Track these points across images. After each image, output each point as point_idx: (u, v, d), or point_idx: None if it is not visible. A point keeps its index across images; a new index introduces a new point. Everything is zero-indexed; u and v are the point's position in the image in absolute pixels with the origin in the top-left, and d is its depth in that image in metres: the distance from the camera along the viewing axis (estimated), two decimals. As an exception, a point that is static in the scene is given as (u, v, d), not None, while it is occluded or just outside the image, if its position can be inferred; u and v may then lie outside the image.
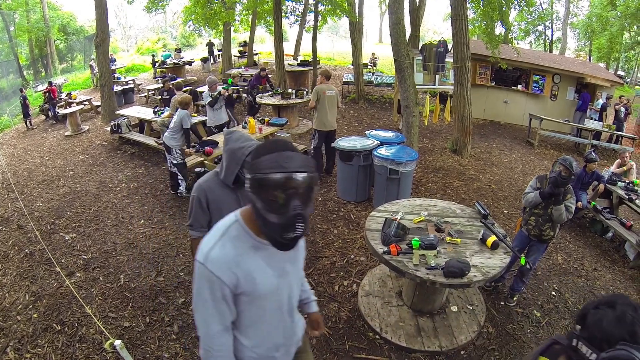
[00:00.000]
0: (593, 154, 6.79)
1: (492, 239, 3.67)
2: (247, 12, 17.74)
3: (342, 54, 25.90)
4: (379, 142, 6.55)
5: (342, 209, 6.48)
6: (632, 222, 6.48)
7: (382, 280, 4.64)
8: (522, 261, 3.79)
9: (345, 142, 6.52)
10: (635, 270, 5.94)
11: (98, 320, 4.09)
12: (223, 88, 8.16)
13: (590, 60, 31.67)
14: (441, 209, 4.42)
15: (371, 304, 4.26)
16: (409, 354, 3.72)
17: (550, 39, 34.93)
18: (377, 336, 3.90)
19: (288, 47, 21.12)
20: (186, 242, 5.47)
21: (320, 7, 14.08)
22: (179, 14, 24.18)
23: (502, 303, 4.60)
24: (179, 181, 6.77)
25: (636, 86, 25.09)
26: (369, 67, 18.78)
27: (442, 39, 13.65)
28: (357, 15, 14.13)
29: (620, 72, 36.35)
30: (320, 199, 6.78)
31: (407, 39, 14.99)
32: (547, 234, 4.21)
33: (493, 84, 13.61)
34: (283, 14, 16.11)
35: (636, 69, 33.55)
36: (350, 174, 6.50)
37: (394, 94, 9.84)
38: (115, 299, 4.47)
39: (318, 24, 14.85)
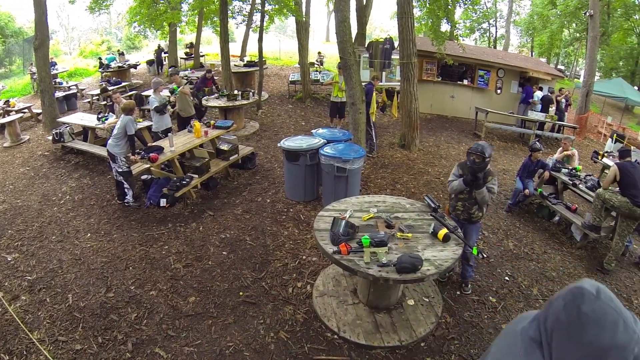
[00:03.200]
0: (537, 143, 7.41)
1: (443, 231, 3.86)
2: (193, 12, 17.65)
3: (289, 53, 26.24)
4: (325, 141, 6.73)
5: (291, 210, 6.60)
6: (576, 206, 7.09)
7: (336, 279, 4.74)
8: (475, 251, 4.03)
9: (291, 142, 6.65)
10: (582, 250, 6.50)
11: (47, 346, 3.94)
12: (174, 95, 8.15)
13: (532, 55, 34.09)
14: (391, 205, 4.60)
15: (327, 304, 4.34)
16: (369, 351, 3.84)
17: (494, 36, 37.58)
18: (335, 336, 3.99)
19: (235, 48, 20.99)
20: (135, 254, 5.42)
21: (268, 7, 14.29)
22: (124, 14, 23.49)
23: (458, 292, 4.87)
24: (126, 190, 6.68)
25: (575, 79, 27.12)
26: (316, 65, 19.16)
27: (388, 36, 14.24)
28: (303, 14, 14.45)
29: (560, 67, 39.99)
30: (269, 201, 6.87)
31: (354, 37, 15.52)
32: (475, 215, 4.54)
33: (440, 79, 14.45)
34: (230, 14, 16.21)
35: (575, 63, 36.40)
36: (297, 174, 6.64)
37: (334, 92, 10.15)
38: (64, 320, 4.32)
39: (265, 24, 15.05)
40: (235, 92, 10.67)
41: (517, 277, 5.36)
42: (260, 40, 12.48)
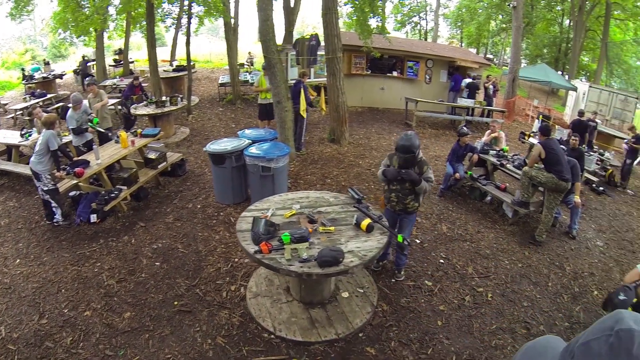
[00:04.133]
0: (464, 128, 7.69)
1: (366, 222, 3.90)
2: (121, 17, 16.95)
3: (220, 55, 26.10)
4: (250, 141, 6.74)
5: (221, 213, 6.54)
6: (506, 185, 7.42)
7: (269, 279, 4.73)
8: (400, 239, 4.04)
9: (216, 145, 6.63)
10: (515, 226, 6.84)
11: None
12: (90, 125, 7.67)
13: (462, 46, 35.95)
14: (314, 200, 4.63)
15: (261, 305, 4.32)
16: (307, 347, 3.84)
17: (424, 28, 39.39)
18: (272, 336, 3.98)
19: (165, 52, 20.41)
20: (67, 275, 5.15)
21: (197, 9, 14.01)
22: (48, 20, 22.14)
23: (393, 280, 4.93)
24: (54, 209, 6.29)
25: (504, 66, 28.74)
26: (246, 66, 19.08)
27: (314, 33, 14.35)
28: (232, 15, 14.36)
29: (489, 55, 42.71)
30: (199, 206, 6.80)
31: (284, 35, 15.57)
32: (411, 206, 4.53)
33: (369, 72, 14.76)
34: (158, 18, 15.74)
35: (503, 52, 38.71)
36: (224, 177, 6.64)
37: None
38: (-2, 355, 4.06)
39: (193, 26, 14.78)
40: (164, 98, 10.39)
41: (452, 259, 5.52)
42: (187, 43, 12.21)
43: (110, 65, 19.98)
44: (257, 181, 6.32)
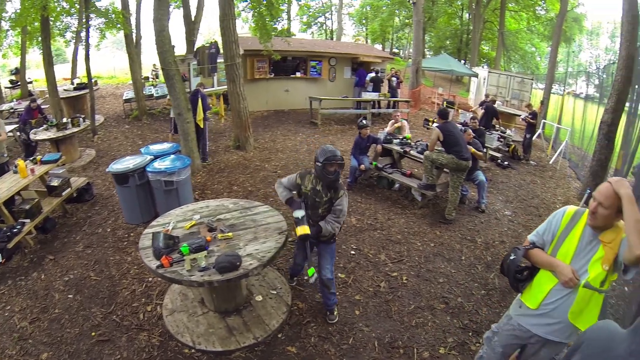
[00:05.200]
0: (363, 121, 7.98)
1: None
2: (15, 32, 15.68)
3: (125, 69, 25.06)
4: (152, 157, 6.61)
5: (132, 234, 6.35)
6: (411, 171, 7.84)
7: (183, 293, 4.66)
8: (310, 272, 3.78)
9: (118, 165, 6.43)
10: (424, 209, 7.21)
11: None
12: None
13: (367, 42, 37.63)
14: (214, 208, 4.62)
15: (178, 321, 4.25)
16: (228, 356, 3.83)
17: (330, 28, 40.78)
18: (192, 350, 3.92)
19: (67, 70, 19.34)
20: None
21: (97, 21, 13.28)
22: None
23: (306, 277, 4.97)
24: None
25: (409, 59, 30.33)
26: (151, 80, 18.52)
27: (213, 40, 14.28)
28: (133, 26, 13.79)
29: (395, 50, 45.15)
30: (109, 230, 6.55)
31: (187, 43, 15.30)
32: (325, 234, 3.96)
33: (272, 75, 14.89)
34: (57, 32, 14.71)
35: (408, 45, 40.89)
36: (130, 196, 6.47)
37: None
38: None
39: (94, 40, 14.10)
40: (65, 120, 9.80)
41: (363, 249, 5.68)
42: (87, 58, 11.55)
43: (6, 87, 18.66)
44: (161, 196, 6.24)
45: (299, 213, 3.76)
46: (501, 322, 3.09)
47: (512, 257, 2.76)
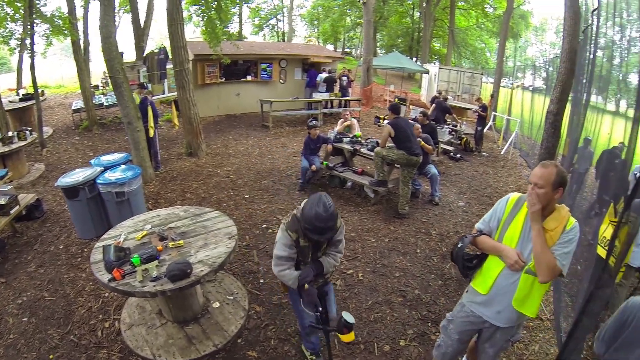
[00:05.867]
0: (313, 121, 8.11)
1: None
2: None
3: (74, 78, 24.16)
4: (102, 168, 6.47)
5: (85, 250, 6.16)
6: (363, 168, 8.02)
7: (140, 306, 4.61)
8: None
9: (68, 178, 6.22)
10: (378, 205, 7.40)
11: None
12: None
13: (318, 43, 38.03)
14: (165, 217, 4.60)
15: (137, 335, 4.19)
16: None
17: (282, 30, 40.95)
18: None
19: (12, 79, 18.41)
20: None
21: (43, 27, 12.74)
22: None
23: (262, 281, 5.06)
24: None
25: (360, 58, 30.91)
26: (101, 88, 17.99)
27: (162, 46, 14.04)
28: (80, 33, 13.28)
29: (347, 49, 45.86)
30: (62, 247, 6.33)
31: (136, 49, 14.97)
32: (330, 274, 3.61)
33: (223, 79, 14.82)
34: (1, 39, 13.95)
35: (360, 45, 41.58)
36: (82, 211, 6.29)
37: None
38: None
39: (40, 47, 13.44)
40: (10, 133, 9.41)
41: (318, 250, 5.76)
42: (32, 67, 11.09)
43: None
44: (114, 208, 6.13)
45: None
46: (455, 309, 3.20)
47: (459, 245, 2.90)
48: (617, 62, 6.70)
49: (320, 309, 3.20)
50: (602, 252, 3.81)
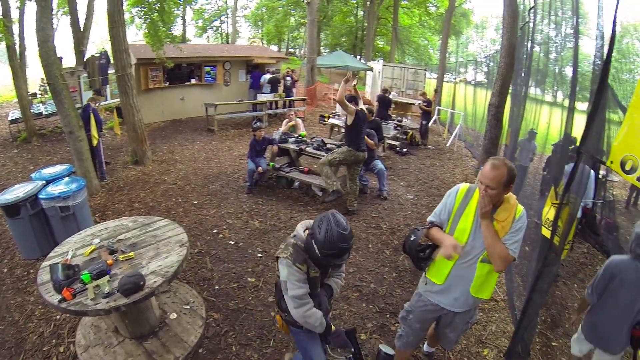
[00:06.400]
0: (257, 123, 8.09)
1: None
2: None
3: (9, 86, 22.77)
4: (44, 182, 6.19)
5: (31, 271, 5.84)
6: (309, 167, 8.14)
7: (95, 325, 4.42)
8: None
9: (7, 195, 5.87)
10: (326, 203, 7.56)
11: None
12: None
13: (263, 44, 38.08)
14: (113, 229, 4.48)
15: (94, 356, 4.03)
16: None
17: (226, 31, 40.62)
18: None
19: None
20: None
21: None
22: None
23: (217, 287, 5.02)
24: None
25: (305, 58, 31.12)
26: (39, 96, 17.13)
27: (103, 50, 13.52)
28: (15, 36, 12.54)
29: (291, 49, 46.09)
30: (5, 270, 5.96)
31: (76, 54, 14.31)
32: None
33: (167, 84, 14.53)
34: None
35: (304, 45, 42.03)
36: (24, 229, 5.95)
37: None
38: None
39: None
40: None
41: (270, 250, 5.80)
42: None
43: None
44: (59, 224, 5.86)
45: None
46: (413, 300, 3.28)
47: (412, 238, 2.97)
48: (554, 56, 7.12)
49: (353, 349, 2.92)
50: (546, 232, 4.12)
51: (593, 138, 3.39)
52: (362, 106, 7.02)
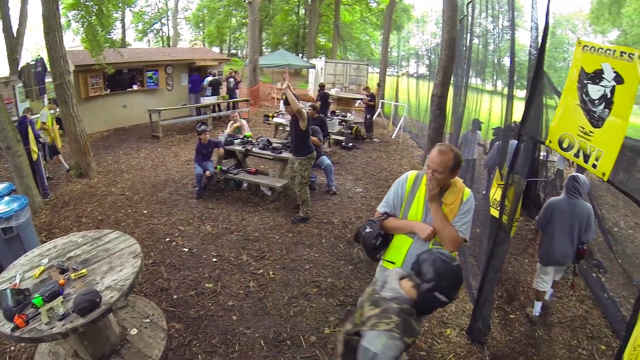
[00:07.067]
0: (201, 126, 7.97)
1: None
2: None
3: None
4: (-19, 204, 5.82)
5: None
6: (256, 168, 8.15)
7: (53, 352, 4.16)
8: None
9: None
10: (276, 202, 7.58)
11: None
12: None
13: (204, 46, 37.43)
14: (62, 247, 4.25)
15: None
16: None
17: (167, 34, 39.60)
18: None
19: None
20: None
21: None
22: None
23: (175, 296, 4.88)
24: None
25: (247, 59, 30.93)
26: None
27: (39, 57, 12.71)
28: None
29: (233, 51, 45.61)
30: None
31: (9, 62, 13.45)
32: None
33: (108, 91, 13.73)
34: None
35: (246, 45, 41.80)
36: None
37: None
38: None
39: None
40: None
41: (224, 254, 5.75)
42: None
43: None
44: (3, 247, 5.38)
45: None
46: None
47: (368, 230, 2.92)
48: (492, 48, 7.42)
49: None
50: (495, 212, 4.30)
51: (532, 121, 3.60)
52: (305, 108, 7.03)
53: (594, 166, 2.64)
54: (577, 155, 2.87)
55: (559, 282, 5.21)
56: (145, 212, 7.26)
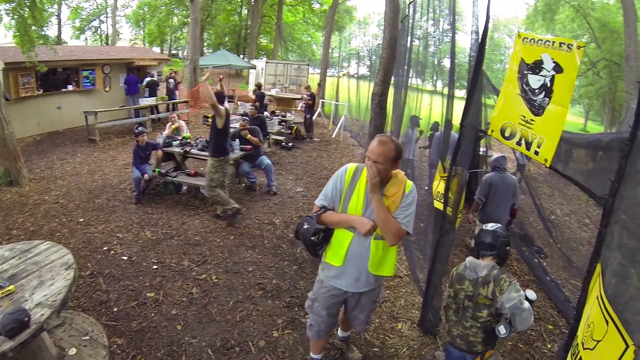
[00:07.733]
0: (139, 128, 7.66)
1: None
2: None
3: None
4: None
5: None
6: (195, 170, 7.94)
7: None
8: None
9: None
10: (216, 205, 7.17)
11: None
12: None
13: (145, 45, 36.11)
14: None
15: None
16: None
17: (105, 32, 37.85)
18: None
19: None
20: None
21: None
22: None
23: (115, 309, 4.53)
24: None
25: (187, 59, 30.27)
26: None
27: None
28: None
29: (174, 51, 44.38)
30: None
31: None
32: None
33: (41, 91, 12.63)
34: None
35: (187, 45, 40.89)
36: None
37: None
38: None
39: None
40: None
41: (165, 260, 5.48)
42: None
43: None
44: None
45: None
46: (315, 287, 3.19)
47: (306, 227, 2.80)
48: (433, 49, 7.59)
49: None
50: (439, 205, 4.39)
51: (473, 113, 3.69)
52: (227, 104, 6.90)
53: (536, 153, 2.72)
54: (519, 143, 2.95)
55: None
56: (81, 220, 6.80)
